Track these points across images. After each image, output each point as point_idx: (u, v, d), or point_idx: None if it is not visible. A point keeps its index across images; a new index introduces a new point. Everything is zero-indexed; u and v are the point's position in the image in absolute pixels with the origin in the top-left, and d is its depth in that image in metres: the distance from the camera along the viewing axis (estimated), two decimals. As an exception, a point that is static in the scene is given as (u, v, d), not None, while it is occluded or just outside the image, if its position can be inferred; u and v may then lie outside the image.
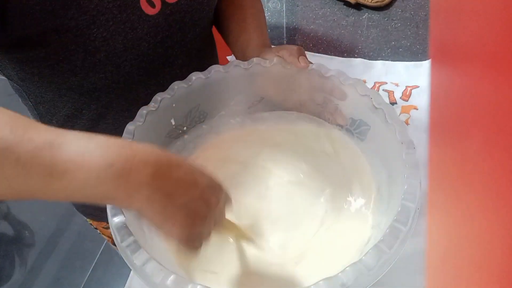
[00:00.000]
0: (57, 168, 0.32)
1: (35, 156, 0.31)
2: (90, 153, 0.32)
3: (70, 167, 0.32)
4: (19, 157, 0.31)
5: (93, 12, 0.48)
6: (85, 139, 0.33)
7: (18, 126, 0.32)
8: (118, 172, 0.33)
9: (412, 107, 0.79)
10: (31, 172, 0.31)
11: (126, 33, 0.51)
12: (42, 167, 0.31)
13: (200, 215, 0.37)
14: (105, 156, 0.33)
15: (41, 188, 0.32)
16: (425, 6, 1.02)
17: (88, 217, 0.81)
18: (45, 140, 0.32)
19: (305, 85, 0.58)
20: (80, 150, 0.32)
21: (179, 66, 0.62)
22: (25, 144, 0.31)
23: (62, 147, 0.32)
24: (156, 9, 0.53)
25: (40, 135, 0.32)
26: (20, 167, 0.31)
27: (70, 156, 0.32)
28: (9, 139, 0.31)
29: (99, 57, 0.52)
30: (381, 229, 0.47)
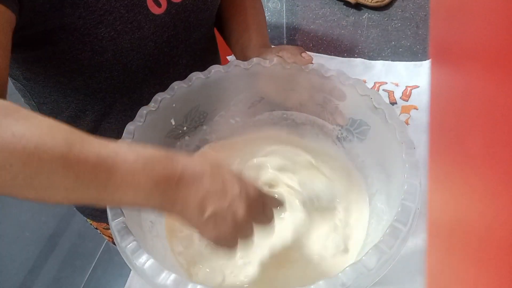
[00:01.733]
0: (111, 185, 0.36)
1: (92, 174, 0.35)
2: (138, 174, 0.37)
3: (122, 185, 0.36)
4: (78, 174, 0.35)
5: (100, 11, 0.48)
6: (132, 158, 0.37)
7: (75, 142, 0.35)
8: (161, 190, 0.37)
9: (412, 107, 0.79)
10: (89, 187, 0.35)
11: (133, 32, 0.51)
12: (97, 183, 0.35)
13: (227, 224, 0.39)
14: (152, 176, 0.37)
15: (96, 198, 0.37)
16: (425, 6, 1.02)
17: (88, 217, 0.81)
18: (98, 157, 0.36)
19: (305, 85, 0.58)
20: (130, 171, 0.36)
21: (184, 66, 0.62)
22: (82, 164, 0.35)
23: (114, 167, 0.36)
24: (162, 9, 0.54)
25: (95, 153, 0.36)
26: (79, 182, 0.35)
27: (122, 175, 0.36)
28: (67, 157, 0.34)
29: (106, 56, 0.52)
30: (380, 229, 0.47)
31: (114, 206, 0.42)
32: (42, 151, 0.33)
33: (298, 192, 0.56)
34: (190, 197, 0.38)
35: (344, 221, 0.55)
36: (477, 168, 0.16)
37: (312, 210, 0.56)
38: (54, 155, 0.34)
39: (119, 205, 0.42)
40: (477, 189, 0.16)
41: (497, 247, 0.14)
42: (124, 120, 0.62)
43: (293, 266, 0.51)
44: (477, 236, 0.16)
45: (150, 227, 0.51)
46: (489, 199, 0.15)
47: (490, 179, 0.15)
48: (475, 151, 0.16)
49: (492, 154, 0.14)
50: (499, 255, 0.14)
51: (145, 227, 0.50)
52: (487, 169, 0.15)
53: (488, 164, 0.15)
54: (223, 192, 0.39)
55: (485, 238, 0.15)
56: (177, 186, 0.38)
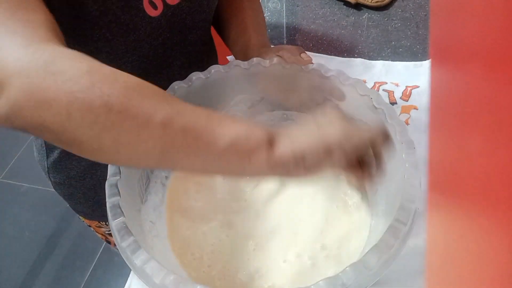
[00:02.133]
0: (213, 121, 0.35)
1: (193, 110, 0.35)
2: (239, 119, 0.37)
3: (224, 122, 0.35)
4: (169, 111, 0.34)
5: (96, 12, 0.48)
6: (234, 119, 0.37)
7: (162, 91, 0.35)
8: (264, 128, 0.36)
9: (412, 107, 0.79)
10: (188, 122, 0.34)
11: (128, 34, 0.51)
12: (198, 120, 0.34)
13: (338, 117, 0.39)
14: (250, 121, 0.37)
15: (193, 140, 0.34)
16: (425, 6, 1.02)
17: (80, 215, 0.81)
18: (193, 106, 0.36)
19: (305, 85, 0.58)
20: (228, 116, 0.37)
21: (179, 67, 0.62)
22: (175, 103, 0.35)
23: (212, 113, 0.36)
24: (158, 11, 0.53)
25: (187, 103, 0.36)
26: (179, 116, 0.34)
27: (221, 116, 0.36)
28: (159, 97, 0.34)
29: (101, 58, 0.51)
30: (380, 229, 0.47)
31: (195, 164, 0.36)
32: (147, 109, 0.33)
33: None
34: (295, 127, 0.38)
35: (343, 221, 0.55)
36: (477, 168, 0.16)
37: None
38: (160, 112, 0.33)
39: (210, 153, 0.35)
40: (476, 189, 0.16)
41: (497, 247, 0.14)
42: None
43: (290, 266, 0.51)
44: (477, 236, 0.16)
45: (150, 227, 0.51)
46: (489, 198, 0.15)
47: (490, 179, 0.15)
48: (475, 151, 0.16)
49: (492, 153, 0.14)
50: (499, 255, 0.14)
51: (145, 227, 0.50)
52: (487, 168, 0.15)
53: (488, 164, 0.15)
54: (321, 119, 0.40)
55: (485, 238, 0.15)
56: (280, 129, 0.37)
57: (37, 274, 1.56)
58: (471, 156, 0.16)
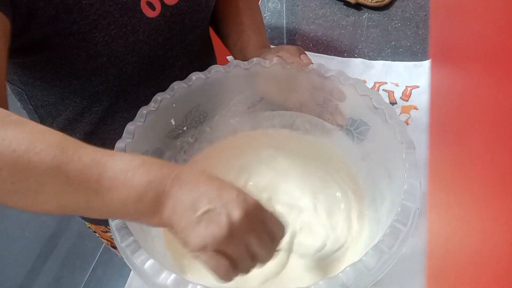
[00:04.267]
0: (103, 184, 0.34)
1: (84, 174, 0.34)
2: (133, 171, 0.35)
3: (114, 184, 0.35)
4: (69, 175, 0.34)
5: (94, 15, 0.48)
6: (129, 158, 0.36)
7: (68, 146, 0.35)
8: (155, 188, 0.35)
9: (412, 107, 0.79)
10: (79, 189, 0.34)
11: (127, 36, 0.51)
12: (89, 184, 0.34)
13: (221, 225, 0.35)
14: (145, 175, 0.35)
15: (86, 204, 0.35)
16: (425, 6, 1.02)
17: (87, 220, 0.81)
18: (93, 159, 0.35)
19: (305, 85, 0.58)
20: (124, 169, 0.35)
21: (179, 67, 0.62)
22: (75, 163, 0.34)
23: (108, 166, 0.35)
24: (156, 12, 0.53)
25: (89, 155, 0.35)
26: (69, 184, 0.34)
27: (116, 174, 0.35)
28: (59, 159, 0.34)
29: (101, 60, 0.52)
30: (380, 229, 0.47)
31: (101, 217, 0.38)
32: (32, 154, 0.33)
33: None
34: (183, 196, 0.35)
35: (343, 221, 0.55)
36: (477, 168, 0.16)
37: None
38: (45, 157, 0.33)
39: (107, 213, 0.38)
40: (476, 188, 0.16)
41: (497, 247, 0.14)
42: (121, 122, 0.62)
43: (290, 266, 0.51)
44: (477, 236, 0.16)
45: (150, 227, 0.51)
46: (489, 198, 0.15)
47: (490, 178, 0.15)
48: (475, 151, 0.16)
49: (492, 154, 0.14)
50: (499, 255, 0.14)
51: (145, 227, 0.50)
52: (487, 168, 0.15)
53: (488, 164, 0.15)
54: (219, 195, 0.36)
55: (485, 238, 0.15)
56: (171, 185, 0.36)
57: (37, 274, 1.56)
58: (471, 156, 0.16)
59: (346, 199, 0.57)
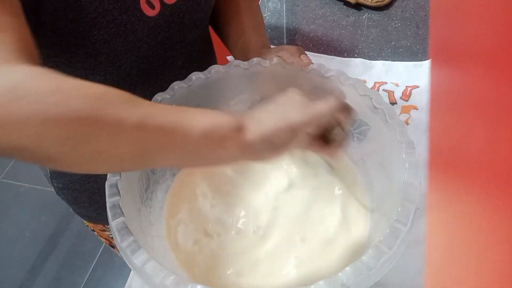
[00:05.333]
0: (182, 116, 0.36)
1: (163, 109, 0.36)
2: (207, 111, 0.37)
3: (193, 115, 0.36)
4: (149, 110, 0.35)
5: (93, 14, 0.48)
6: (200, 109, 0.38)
7: (131, 96, 0.36)
8: (233, 116, 0.38)
9: (412, 107, 0.79)
10: (159, 122, 0.35)
11: (126, 35, 0.51)
12: (168, 118, 0.35)
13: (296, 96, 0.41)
14: (217, 113, 0.38)
15: (166, 138, 0.35)
16: (425, 6, 1.02)
17: (85, 219, 0.81)
18: (161, 104, 0.37)
19: (305, 85, 0.58)
20: (199, 110, 0.37)
21: (179, 67, 0.62)
22: (151, 105, 0.36)
23: (180, 108, 0.37)
24: (156, 11, 0.53)
25: (156, 103, 0.37)
26: (150, 118, 0.34)
27: (190, 110, 0.37)
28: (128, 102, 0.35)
29: (100, 59, 0.52)
30: (380, 230, 0.47)
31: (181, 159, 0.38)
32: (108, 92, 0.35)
33: None
34: (261, 111, 0.39)
35: (343, 221, 0.55)
36: (477, 168, 0.16)
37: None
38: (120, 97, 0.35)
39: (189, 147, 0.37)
40: (476, 188, 0.16)
41: (497, 247, 0.14)
42: None
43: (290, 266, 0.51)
44: (476, 236, 0.16)
45: (150, 227, 0.51)
46: (489, 198, 0.15)
47: (489, 178, 0.15)
48: (474, 151, 0.16)
49: (492, 154, 0.14)
50: (499, 255, 0.14)
51: (145, 227, 0.50)
52: (487, 169, 0.15)
53: (488, 164, 0.15)
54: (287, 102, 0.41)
55: (485, 238, 0.15)
56: (247, 115, 0.39)
57: (37, 274, 1.56)
58: (471, 156, 0.16)
59: (345, 199, 0.57)
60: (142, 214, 0.51)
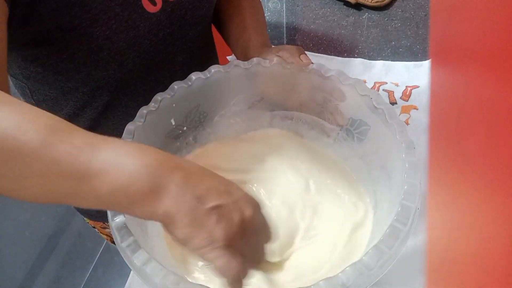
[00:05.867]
0: (92, 167, 0.31)
1: (73, 155, 0.31)
2: (127, 154, 0.32)
3: (105, 167, 0.32)
4: (56, 156, 0.31)
5: (95, 10, 0.48)
6: (124, 142, 0.34)
7: (60, 128, 0.32)
8: (151, 172, 0.32)
9: (412, 107, 0.79)
10: (66, 172, 0.31)
11: (128, 31, 0.52)
12: (77, 167, 0.31)
13: (236, 223, 0.33)
14: (141, 158, 0.32)
15: (74, 189, 0.32)
16: (425, 6, 1.02)
17: (85, 216, 0.81)
18: (85, 142, 0.32)
19: (305, 85, 0.58)
20: (118, 152, 0.32)
21: (180, 63, 0.62)
22: (65, 145, 0.31)
23: (100, 149, 0.32)
24: (158, 7, 0.54)
25: (81, 137, 0.33)
26: (56, 166, 0.31)
27: (108, 156, 0.32)
28: (48, 140, 0.31)
29: (102, 55, 0.52)
30: (381, 229, 0.47)
31: (90, 206, 0.34)
32: (20, 133, 0.31)
33: None
34: (187, 186, 0.32)
35: (343, 221, 0.55)
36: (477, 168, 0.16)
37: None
38: (33, 137, 0.31)
39: (96, 201, 0.33)
40: (477, 188, 0.16)
41: (497, 247, 0.14)
42: (122, 117, 0.62)
43: (290, 266, 0.51)
44: (477, 236, 0.16)
45: (150, 227, 0.51)
46: (489, 198, 0.15)
47: (490, 179, 0.15)
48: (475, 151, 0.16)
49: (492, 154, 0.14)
50: (499, 255, 0.14)
51: (145, 227, 0.50)
52: (487, 169, 0.15)
53: (488, 164, 0.15)
54: (228, 191, 0.34)
55: (485, 238, 0.15)
56: (172, 172, 0.32)
57: (37, 274, 1.56)
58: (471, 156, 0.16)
59: (345, 198, 0.57)
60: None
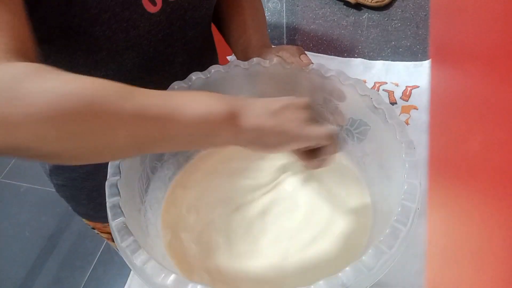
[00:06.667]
0: (172, 106, 0.36)
1: (151, 100, 0.36)
2: (199, 94, 0.39)
3: (183, 103, 0.37)
4: (137, 104, 0.35)
5: (95, 10, 0.48)
6: (190, 91, 0.41)
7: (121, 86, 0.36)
8: (223, 101, 0.39)
9: (412, 107, 0.79)
10: (151, 114, 0.35)
11: (128, 31, 0.51)
12: (164, 109, 0.36)
13: (302, 110, 0.42)
14: (211, 95, 0.39)
15: (159, 130, 0.36)
16: (425, 6, 1.02)
17: (83, 217, 0.81)
18: (156, 91, 0.37)
19: (305, 85, 0.58)
20: (190, 94, 0.39)
21: (180, 64, 0.62)
22: (139, 94, 0.36)
23: (171, 94, 0.38)
24: (157, 7, 0.53)
25: (147, 91, 0.37)
26: (139, 111, 0.35)
27: (179, 97, 0.38)
28: (122, 93, 0.35)
29: (101, 55, 0.52)
30: (380, 229, 0.47)
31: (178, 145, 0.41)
32: (95, 91, 0.34)
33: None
34: (256, 103, 0.41)
35: (343, 221, 0.55)
36: (477, 168, 0.16)
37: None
38: (108, 92, 0.34)
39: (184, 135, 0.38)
40: (476, 189, 0.16)
41: (496, 247, 0.14)
42: None
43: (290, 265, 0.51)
44: (476, 236, 0.16)
45: (150, 227, 0.51)
46: (489, 198, 0.15)
47: (489, 178, 0.15)
48: (474, 151, 0.16)
49: (492, 154, 0.14)
50: (499, 255, 0.14)
51: (145, 227, 0.50)
52: (487, 169, 0.15)
53: (487, 164, 0.15)
54: (281, 99, 0.43)
55: (485, 238, 0.15)
56: (238, 99, 0.40)
57: (37, 274, 1.56)
58: (471, 156, 0.16)
59: (345, 198, 0.57)
60: (142, 214, 0.51)
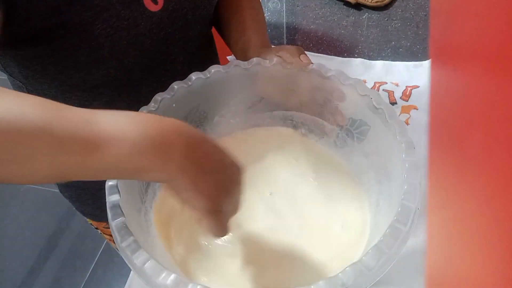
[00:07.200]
0: (93, 141, 0.32)
1: (71, 131, 0.32)
2: (126, 125, 0.34)
3: (106, 139, 0.32)
4: (55, 134, 0.31)
5: (97, 8, 0.48)
6: (119, 114, 0.35)
7: (51, 107, 0.33)
8: (153, 141, 0.34)
9: (412, 107, 0.79)
10: (68, 147, 0.32)
11: (129, 29, 0.52)
12: (78, 142, 0.32)
13: (226, 188, 0.39)
14: (140, 128, 0.34)
15: (79, 164, 0.33)
16: (425, 6, 1.02)
17: (88, 217, 0.81)
18: (80, 116, 0.33)
19: (305, 85, 0.58)
20: (117, 124, 0.33)
21: (181, 63, 0.62)
22: (61, 121, 0.32)
23: (98, 122, 0.33)
24: (159, 6, 0.54)
25: (75, 113, 0.33)
26: (56, 144, 0.31)
27: (106, 129, 0.33)
28: (43, 118, 0.31)
29: (103, 53, 0.52)
30: (381, 229, 0.47)
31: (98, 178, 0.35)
32: (22, 118, 0.31)
33: None
34: (188, 150, 0.36)
35: (343, 221, 0.55)
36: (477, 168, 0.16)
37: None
38: (35, 120, 0.31)
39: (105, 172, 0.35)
40: (477, 189, 0.16)
41: (497, 247, 0.14)
42: None
43: (290, 265, 0.51)
44: (477, 236, 0.16)
45: (150, 227, 0.51)
46: (489, 199, 0.15)
47: (490, 179, 0.15)
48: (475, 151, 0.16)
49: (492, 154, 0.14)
50: (499, 255, 0.14)
51: (145, 227, 0.50)
52: (487, 169, 0.15)
53: (488, 164, 0.15)
54: (220, 159, 0.39)
55: (485, 238, 0.15)
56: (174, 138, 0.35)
57: (37, 274, 1.56)
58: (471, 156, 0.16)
59: (345, 198, 0.57)
60: (142, 214, 0.51)
